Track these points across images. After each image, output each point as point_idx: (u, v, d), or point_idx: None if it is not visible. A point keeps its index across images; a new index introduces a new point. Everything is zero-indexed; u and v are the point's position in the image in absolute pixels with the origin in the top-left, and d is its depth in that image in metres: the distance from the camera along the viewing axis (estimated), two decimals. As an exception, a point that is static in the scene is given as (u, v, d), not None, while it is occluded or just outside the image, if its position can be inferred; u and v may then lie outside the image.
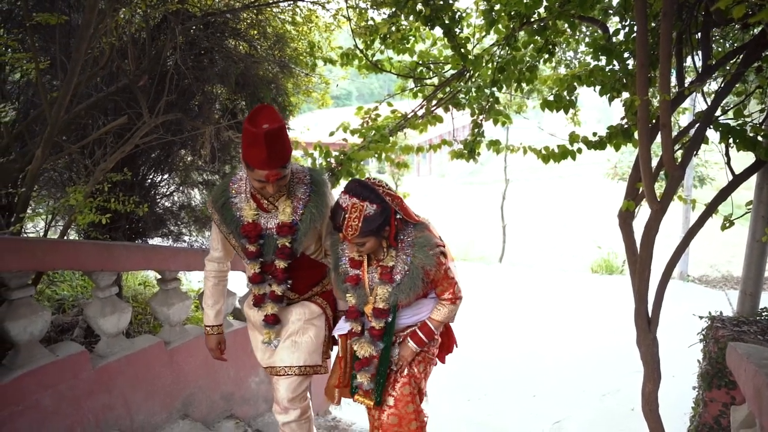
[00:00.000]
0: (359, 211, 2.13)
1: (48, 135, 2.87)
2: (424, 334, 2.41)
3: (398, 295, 2.27)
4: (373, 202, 2.15)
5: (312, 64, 4.92)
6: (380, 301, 2.30)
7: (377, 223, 2.15)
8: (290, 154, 2.19)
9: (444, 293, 2.37)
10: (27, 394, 2.66)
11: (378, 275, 2.30)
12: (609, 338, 7.14)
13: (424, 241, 2.27)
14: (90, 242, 3.01)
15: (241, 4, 4.64)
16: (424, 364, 2.49)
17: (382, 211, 2.17)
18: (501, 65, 3.82)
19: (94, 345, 3.74)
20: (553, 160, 3.38)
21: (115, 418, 3.09)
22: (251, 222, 2.33)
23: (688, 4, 3.03)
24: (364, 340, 2.37)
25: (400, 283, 2.27)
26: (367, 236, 2.17)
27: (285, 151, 2.13)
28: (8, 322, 2.67)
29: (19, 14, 4.37)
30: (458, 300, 2.39)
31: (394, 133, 4.22)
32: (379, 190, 2.22)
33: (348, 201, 2.15)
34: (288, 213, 2.31)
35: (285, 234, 2.32)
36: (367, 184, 2.22)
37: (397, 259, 2.28)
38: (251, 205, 2.34)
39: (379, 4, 4.30)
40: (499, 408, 5.58)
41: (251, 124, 2.06)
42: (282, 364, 2.52)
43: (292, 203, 2.32)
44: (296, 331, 2.51)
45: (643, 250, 3.03)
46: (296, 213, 2.32)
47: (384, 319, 2.32)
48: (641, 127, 2.76)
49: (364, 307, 2.36)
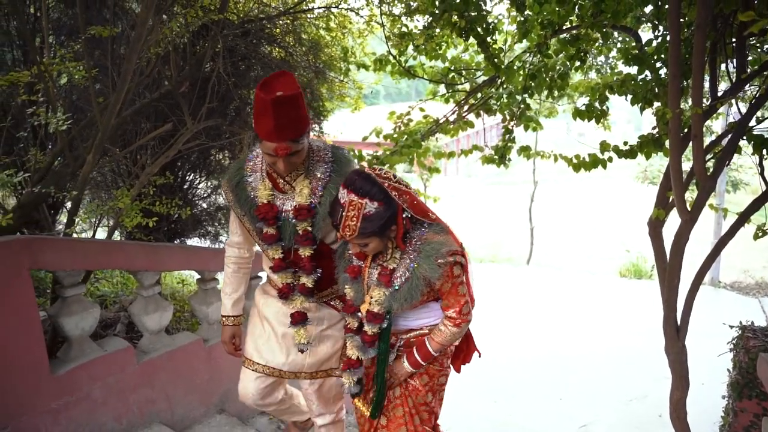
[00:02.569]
0: (357, 210, 1.86)
1: (99, 141, 3.03)
2: (421, 356, 2.13)
3: (392, 303, 2.01)
4: (375, 198, 1.87)
5: (345, 69, 5.03)
6: (375, 303, 2.03)
7: (379, 223, 1.88)
8: (305, 126, 1.96)
9: (448, 309, 2.07)
10: (79, 385, 2.82)
11: (377, 275, 2.05)
12: (636, 343, 7.11)
13: (433, 249, 1.96)
14: (137, 243, 3.17)
15: (277, 11, 4.78)
16: (428, 376, 2.22)
17: (385, 210, 1.89)
18: (532, 72, 3.87)
19: (135, 340, 3.92)
20: (584, 169, 3.42)
21: (157, 411, 3.24)
22: (267, 203, 2.10)
23: (723, 14, 3.04)
24: (354, 342, 2.13)
25: (398, 289, 2.00)
26: (368, 237, 1.91)
27: (299, 123, 1.91)
28: (62, 318, 2.84)
29: (67, 22, 4.59)
30: (463, 323, 2.07)
31: (426, 138, 4.30)
32: (385, 184, 1.91)
33: (346, 197, 1.88)
34: (306, 194, 2.08)
35: (304, 217, 2.08)
36: (370, 176, 1.92)
37: (400, 262, 2.01)
38: (266, 185, 2.12)
39: (412, 11, 4.39)
40: (525, 410, 5.62)
41: (262, 89, 1.85)
42: (293, 369, 2.34)
43: (311, 183, 2.09)
44: (312, 339, 2.31)
45: (673, 258, 3.05)
46: (315, 195, 2.09)
47: (378, 324, 2.06)
48: (672, 138, 2.78)
49: (360, 304, 2.11)
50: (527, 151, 4.15)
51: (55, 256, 2.72)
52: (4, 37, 4.59)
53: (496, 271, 11.43)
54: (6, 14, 4.41)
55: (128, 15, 4.36)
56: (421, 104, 4.50)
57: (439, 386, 2.27)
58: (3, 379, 2.50)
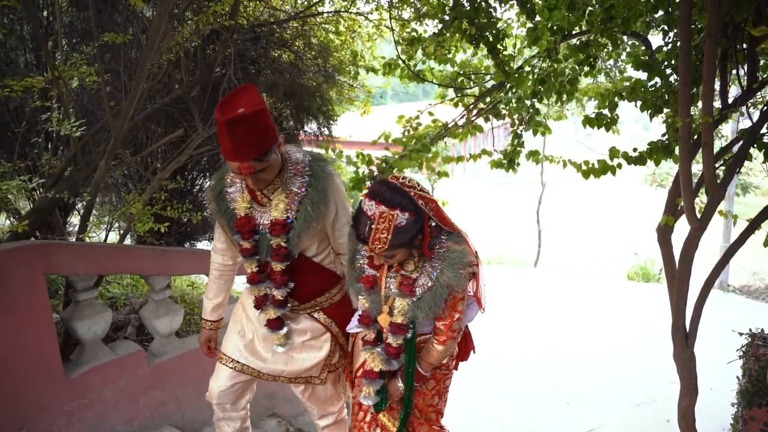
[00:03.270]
0: (389, 222, 1.80)
1: (111, 146, 3.07)
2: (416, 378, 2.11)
3: (417, 313, 1.97)
4: (406, 209, 1.82)
5: (354, 73, 5.05)
6: (399, 315, 1.99)
7: (410, 235, 1.84)
8: (270, 144, 1.90)
9: (440, 321, 2.02)
10: (92, 388, 2.86)
11: (397, 284, 2.00)
12: (644, 346, 7.09)
13: (457, 257, 1.94)
14: (148, 248, 3.20)
15: (287, 15, 4.80)
16: (434, 380, 2.21)
17: (416, 220, 1.84)
18: (542, 77, 3.88)
19: (145, 342, 3.95)
20: (593, 176, 3.42)
21: (167, 413, 3.28)
22: (244, 216, 2.09)
23: (735, 21, 3.03)
24: (377, 354, 2.07)
25: (420, 298, 1.95)
26: (397, 248, 1.85)
27: (260, 141, 1.86)
28: (75, 321, 2.88)
29: (79, 26, 4.63)
30: (450, 339, 2.04)
31: (435, 142, 4.31)
32: (411, 193, 1.87)
33: (375, 209, 1.81)
34: (281, 209, 2.05)
35: (278, 233, 2.06)
36: (397, 186, 1.87)
37: (422, 270, 1.97)
38: (245, 197, 2.10)
39: (422, 16, 4.41)
40: (532, 413, 5.62)
41: (219, 109, 1.83)
42: (272, 374, 2.34)
43: (287, 198, 2.06)
44: (294, 348, 2.32)
45: (682, 266, 3.05)
46: (291, 209, 2.06)
47: (402, 335, 2.01)
48: (682, 146, 2.78)
49: (377, 315, 2.06)
50: (536, 155, 4.16)
51: (69, 261, 2.76)
52: (18, 41, 4.64)
53: (503, 273, 11.42)
54: (20, 18, 4.46)
55: (139, 19, 4.39)
56: (429, 108, 4.51)
57: (445, 389, 2.28)
58: (19, 382, 2.55)
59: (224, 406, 2.43)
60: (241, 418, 2.53)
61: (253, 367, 2.34)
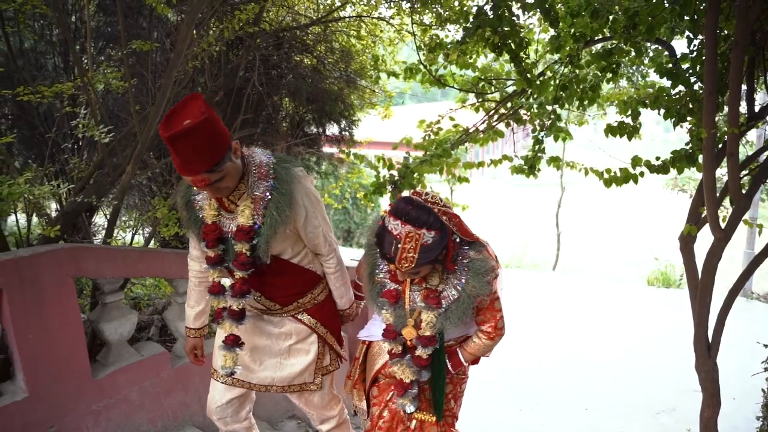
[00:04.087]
0: (416, 241, 1.80)
1: (138, 152, 3.13)
2: (452, 364, 2.16)
3: (445, 324, 2.00)
4: (432, 227, 1.83)
5: (376, 77, 5.07)
6: (427, 327, 2.01)
7: (437, 252, 1.86)
8: (220, 153, 1.81)
9: (484, 324, 2.09)
10: (118, 388, 2.93)
11: (422, 297, 2.02)
12: (665, 353, 7.01)
13: (481, 266, 1.97)
14: (173, 251, 3.26)
15: (309, 20, 4.85)
16: (452, 384, 2.24)
17: (441, 238, 1.86)
18: (563, 83, 3.86)
19: (168, 342, 4.02)
20: (615, 184, 3.41)
21: (190, 414, 3.34)
22: (211, 224, 2.03)
23: (764, 29, 2.99)
24: (405, 364, 2.09)
25: (447, 309, 1.98)
26: (424, 265, 1.88)
27: (209, 153, 1.78)
28: (102, 323, 2.95)
29: (105, 30, 4.73)
30: (498, 337, 2.10)
31: (456, 147, 4.32)
32: (434, 209, 1.88)
33: (401, 228, 1.81)
34: (247, 215, 1.98)
35: (242, 239, 1.99)
36: (421, 204, 1.87)
37: (446, 282, 1.99)
38: (212, 204, 2.04)
39: (443, 21, 4.41)
40: (551, 419, 5.60)
41: (163, 124, 1.76)
42: (263, 383, 2.32)
43: (252, 203, 1.99)
44: (282, 353, 2.29)
45: (705, 276, 3.03)
46: (257, 214, 2.00)
47: (432, 347, 2.05)
48: (707, 156, 2.75)
49: (402, 328, 2.08)
50: (557, 161, 4.15)
51: (97, 265, 2.83)
52: (47, 45, 4.76)
53: (522, 277, 11.37)
54: (49, 23, 4.57)
55: (162, 23, 4.47)
56: (450, 112, 4.52)
57: (461, 392, 2.32)
58: (50, 382, 2.62)
59: (225, 420, 2.42)
60: (245, 428, 2.52)
61: (244, 380, 2.31)
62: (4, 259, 2.42)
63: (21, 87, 3.14)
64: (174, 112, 1.79)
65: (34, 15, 4.18)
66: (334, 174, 5.79)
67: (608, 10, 3.34)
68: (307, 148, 4.52)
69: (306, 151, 4.52)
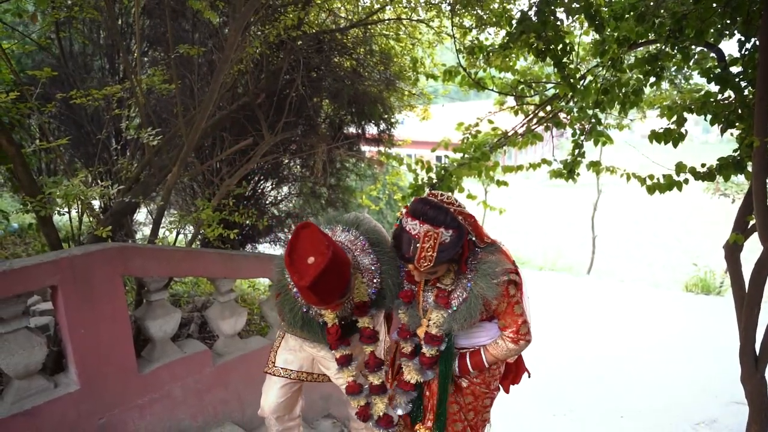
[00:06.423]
0: (434, 240, 1.82)
1: (184, 154, 3.21)
2: (473, 363, 2.15)
3: (452, 324, 2.02)
4: (449, 227, 1.86)
5: (414, 79, 5.08)
6: (434, 326, 2.04)
7: (454, 251, 1.88)
8: (348, 276, 1.85)
9: (506, 329, 2.08)
10: (162, 384, 3.01)
11: (433, 297, 2.06)
12: (704, 363, 6.84)
13: (490, 267, 1.97)
14: (215, 252, 3.33)
15: (348, 22, 4.88)
16: (472, 396, 2.23)
17: (458, 237, 1.88)
18: (605, 87, 3.80)
19: (207, 339, 4.12)
20: (658, 191, 3.34)
21: (229, 411, 3.41)
22: (333, 326, 2.03)
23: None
24: (412, 366, 2.14)
25: (456, 310, 2.00)
26: (441, 264, 1.91)
27: (341, 282, 1.81)
28: (148, 320, 3.04)
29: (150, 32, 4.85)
30: (521, 341, 2.07)
31: (495, 150, 4.29)
32: (451, 209, 1.91)
33: (419, 228, 1.84)
34: (363, 292, 2.03)
35: (364, 314, 2.05)
36: (438, 204, 1.89)
37: (457, 282, 2.01)
38: None
39: (484, 24, 4.39)
40: (585, 426, 5.52)
41: (290, 265, 1.76)
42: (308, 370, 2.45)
43: (364, 277, 2.03)
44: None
45: (753, 287, 2.95)
46: (372, 283, 2.05)
47: (436, 347, 2.07)
48: (757, 164, 2.69)
49: (416, 328, 2.13)
50: (597, 166, 4.09)
51: (144, 263, 2.91)
52: (96, 48, 4.91)
53: (556, 281, 11.23)
54: (97, 27, 4.71)
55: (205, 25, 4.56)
56: (489, 115, 4.49)
57: (483, 407, 2.29)
58: (100, 376, 2.72)
59: (282, 418, 2.51)
60: (298, 426, 2.62)
61: (305, 370, 2.44)
62: (60, 257, 2.52)
63: (74, 90, 3.25)
64: (293, 251, 1.79)
65: (84, 20, 4.32)
66: (372, 175, 5.83)
67: (654, 14, 3.28)
68: (347, 151, 4.56)
69: (346, 154, 4.56)
